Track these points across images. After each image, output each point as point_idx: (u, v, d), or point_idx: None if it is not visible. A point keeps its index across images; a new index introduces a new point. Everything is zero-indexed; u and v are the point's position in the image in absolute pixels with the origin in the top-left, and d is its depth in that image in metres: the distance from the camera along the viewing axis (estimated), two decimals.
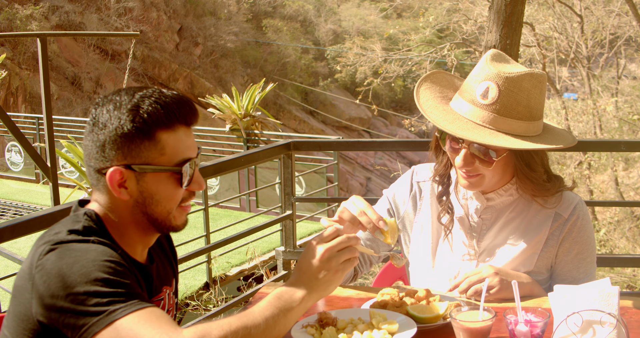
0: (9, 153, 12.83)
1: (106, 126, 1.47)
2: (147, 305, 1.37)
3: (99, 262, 1.37)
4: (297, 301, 1.47)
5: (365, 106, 29.35)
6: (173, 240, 1.85)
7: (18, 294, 1.42)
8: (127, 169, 1.47)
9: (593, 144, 7.03)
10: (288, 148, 4.04)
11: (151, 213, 1.52)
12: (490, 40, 6.30)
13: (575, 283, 1.97)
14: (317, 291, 1.50)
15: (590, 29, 17.77)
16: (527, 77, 1.88)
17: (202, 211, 7.02)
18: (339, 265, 1.50)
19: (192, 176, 1.53)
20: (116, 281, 1.37)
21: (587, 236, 1.98)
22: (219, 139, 12.48)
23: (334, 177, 9.98)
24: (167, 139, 1.48)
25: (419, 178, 2.17)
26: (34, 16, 21.68)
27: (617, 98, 17.50)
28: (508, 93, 1.87)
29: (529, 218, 2.00)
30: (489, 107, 1.88)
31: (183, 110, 1.50)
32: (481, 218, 2.04)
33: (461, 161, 1.92)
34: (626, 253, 13.96)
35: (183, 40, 27.46)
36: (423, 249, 2.11)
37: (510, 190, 2.01)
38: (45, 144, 6.65)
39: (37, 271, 1.38)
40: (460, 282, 1.88)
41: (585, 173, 16.43)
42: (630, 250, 14.50)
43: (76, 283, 1.34)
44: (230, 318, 1.40)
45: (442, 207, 2.08)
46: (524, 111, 1.89)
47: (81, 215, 1.51)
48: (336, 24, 33.83)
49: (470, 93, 1.92)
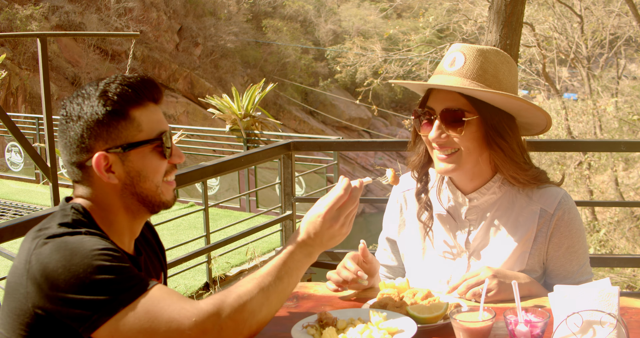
0: (9, 153, 12.83)
1: (80, 117, 1.51)
2: (153, 284, 1.41)
3: (97, 251, 1.39)
4: (307, 261, 1.56)
5: (365, 106, 29.36)
6: (173, 240, 1.85)
7: (12, 291, 1.43)
8: (111, 152, 1.51)
9: (593, 144, 7.03)
10: (288, 148, 4.04)
11: (140, 192, 1.56)
12: (490, 41, 6.30)
13: (571, 276, 1.98)
14: (324, 248, 1.59)
15: (590, 29, 17.77)
16: (493, 51, 1.94)
17: (202, 211, 7.02)
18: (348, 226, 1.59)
19: (171, 148, 1.58)
20: (119, 267, 1.39)
21: (575, 229, 1.97)
22: (219, 139, 12.49)
23: (334, 177, 9.98)
24: (141, 116, 1.54)
25: (402, 188, 2.17)
26: (34, 16, 21.69)
27: (617, 98, 17.50)
28: (474, 60, 1.91)
29: (515, 216, 1.98)
30: (457, 72, 1.91)
31: (149, 87, 1.56)
32: (467, 219, 2.03)
33: (434, 132, 1.92)
34: (626, 253, 13.97)
35: (183, 41, 27.47)
36: (413, 254, 2.11)
37: (492, 188, 2.00)
38: (45, 144, 6.65)
39: (33, 265, 1.39)
40: (459, 285, 1.88)
41: (585, 173, 16.43)
42: (630, 250, 14.51)
43: (79, 274, 1.36)
44: (244, 282, 1.46)
45: (420, 204, 2.08)
46: (492, 79, 1.91)
47: (68, 209, 1.53)
48: (336, 24, 33.84)
49: (440, 68, 1.98)
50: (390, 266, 2.22)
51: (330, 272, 1.98)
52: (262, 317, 1.44)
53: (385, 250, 2.23)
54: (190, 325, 1.36)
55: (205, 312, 1.37)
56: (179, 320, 1.36)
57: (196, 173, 3.57)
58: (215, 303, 1.39)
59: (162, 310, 1.36)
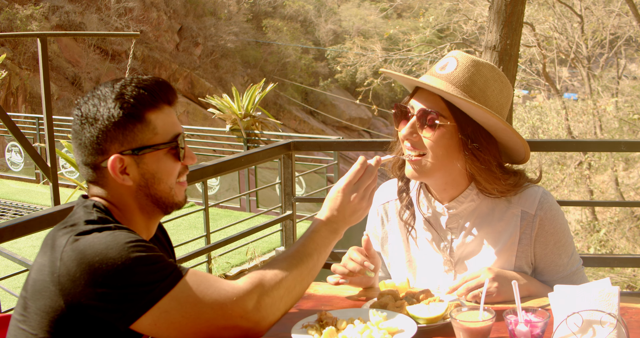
0: (9, 153, 12.83)
1: (97, 119, 1.51)
2: (187, 269, 1.46)
3: (131, 243, 1.42)
4: (334, 238, 1.64)
5: (365, 106, 29.37)
6: (173, 240, 1.87)
7: (40, 288, 1.43)
8: (126, 155, 1.52)
9: (593, 144, 7.04)
10: (288, 148, 4.04)
11: (154, 193, 1.57)
12: (490, 41, 6.30)
13: (562, 270, 1.97)
14: (348, 223, 1.66)
15: (591, 29, 17.78)
16: (489, 66, 1.91)
17: (202, 211, 7.02)
18: (368, 200, 1.67)
19: (184, 150, 1.60)
20: (154, 257, 1.42)
21: (559, 225, 1.95)
22: (219, 139, 12.48)
23: (334, 177, 9.98)
24: (156, 119, 1.55)
25: (382, 200, 2.16)
26: (34, 16, 21.69)
27: (617, 98, 17.51)
28: (465, 69, 1.89)
29: (496, 221, 1.97)
30: (445, 77, 1.90)
31: (164, 90, 1.57)
32: (448, 228, 2.01)
33: (407, 129, 1.91)
34: (626, 253, 13.97)
35: (183, 41, 27.47)
36: (399, 266, 2.11)
37: (470, 196, 1.97)
38: (45, 144, 6.65)
39: (66, 262, 1.40)
40: (458, 286, 1.88)
41: (586, 173, 16.43)
42: (630, 250, 14.52)
43: (118, 267, 1.38)
44: (278, 261, 1.54)
45: (402, 203, 2.08)
46: (479, 93, 1.88)
47: (90, 206, 1.54)
48: (336, 24, 33.84)
49: (431, 69, 1.98)
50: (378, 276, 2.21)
51: (335, 265, 1.98)
52: (296, 293, 1.54)
53: None
54: (232, 305, 1.43)
55: (245, 290, 1.44)
56: (220, 301, 1.42)
57: (196, 173, 3.57)
58: (254, 282, 1.46)
59: (202, 293, 1.42)
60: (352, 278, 1.96)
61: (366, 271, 1.92)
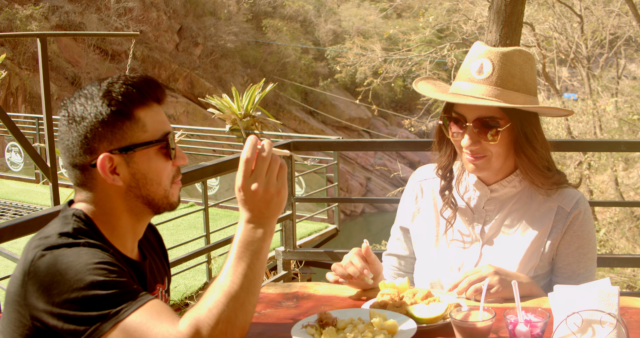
0: (9, 153, 12.83)
1: (84, 118, 1.47)
2: (146, 300, 1.36)
3: (91, 265, 1.37)
4: (262, 239, 1.44)
5: (365, 106, 29.36)
6: (173, 240, 1.84)
7: (11, 301, 1.42)
8: (115, 154, 1.48)
9: (593, 144, 7.03)
10: (288, 148, 4.04)
11: (146, 194, 1.53)
12: (490, 41, 6.30)
13: (575, 277, 1.99)
14: (273, 218, 1.47)
15: (590, 29, 17.76)
16: (517, 52, 1.97)
17: (202, 211, 7.02)
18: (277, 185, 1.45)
19: (175, 149, 1.55)
20: (112, 282, 1.36)
21: (588, 232, 2.00)
22: (219, 139, 12.48)
23: (334, 177, 9.98)
24: (145, 116, 1.51)
25: (419, 178, 2.22)
26: (34, 16, 21.69)
27: (617, 98, 17.50)
28: (502, 66, 1.93)
29: (532, 210, 2.02)
30: (486, 80, 1.94)
31: (153, 87, 1.54)
32: (484, 209, 2.06)
33: (468, 140, 1.95)
34: (626, 253, 13.96)
35: (183, 41, 27.48)
36: (426, 242, 2.13)
37: (513, 182, 2.03)
38: (45, 144, 6.65)
39: (30, 278, 1.38)
40: (460, 281, 1.88)
41: (585, 173, 16.42)
42: (630, 250, 14.50)
43: (72, 290, 1.34)
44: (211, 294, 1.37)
45: (444, 201, 2.11)
46: (520, 83, 1.95)
47: (70, 215, 1.50)
48: (336, 24, 33.84)
49: (466, 73, 1.99)
50: (402, 255, 2.24)
51: (336, 264, 2.00)
52: (242, 320, 1.38)
53: (398, 239, 2.25)
54: None
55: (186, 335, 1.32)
56: None
57: (196, 173, 3.57)
58: (192, 324, 1.33)
59: (147, 331, 1.32)
60: (350, 280, 1.98)
61: (365, 279, 1.94)
